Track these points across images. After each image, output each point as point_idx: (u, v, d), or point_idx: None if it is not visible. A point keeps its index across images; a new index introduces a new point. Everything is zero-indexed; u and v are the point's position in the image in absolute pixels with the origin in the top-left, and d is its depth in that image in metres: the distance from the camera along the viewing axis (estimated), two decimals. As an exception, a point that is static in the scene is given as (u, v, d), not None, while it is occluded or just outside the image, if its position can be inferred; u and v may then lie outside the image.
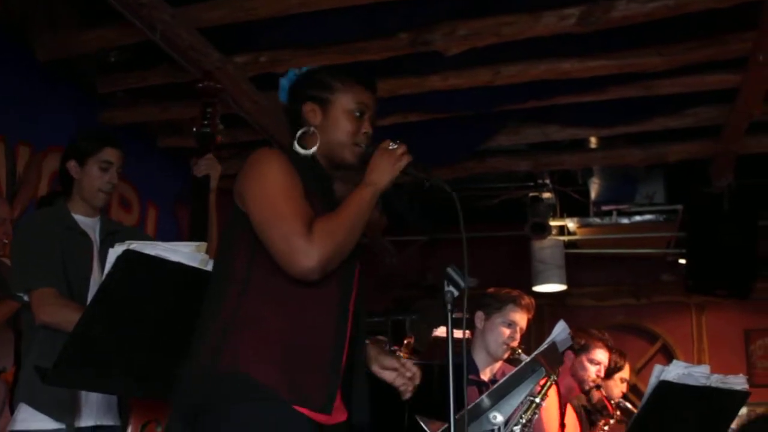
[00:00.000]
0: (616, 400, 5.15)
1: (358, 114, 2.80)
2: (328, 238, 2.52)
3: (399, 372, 2.93)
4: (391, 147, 2.72)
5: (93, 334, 2.96)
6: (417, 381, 2.94)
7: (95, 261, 3.69)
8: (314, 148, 2.77)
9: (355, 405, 2.71)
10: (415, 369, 2.96)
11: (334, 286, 2.64)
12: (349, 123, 2.79)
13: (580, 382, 5.14)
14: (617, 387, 5.48)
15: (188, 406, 2.54)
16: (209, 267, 3.00)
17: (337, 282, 2.64)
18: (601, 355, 5.17)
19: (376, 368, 2.94)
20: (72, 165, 3.76)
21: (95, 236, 3.76)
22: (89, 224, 3.78)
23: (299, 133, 2.79)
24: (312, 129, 2.78)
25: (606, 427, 4.98)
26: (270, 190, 2.59)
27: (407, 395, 2.95)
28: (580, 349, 5.14)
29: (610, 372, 5.33)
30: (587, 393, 5.22)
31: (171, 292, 3.03)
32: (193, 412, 2.53)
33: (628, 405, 5.06)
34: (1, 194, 5.45)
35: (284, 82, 2.92)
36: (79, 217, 3.76)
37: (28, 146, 5.71)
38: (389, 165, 2.69)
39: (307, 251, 2.49)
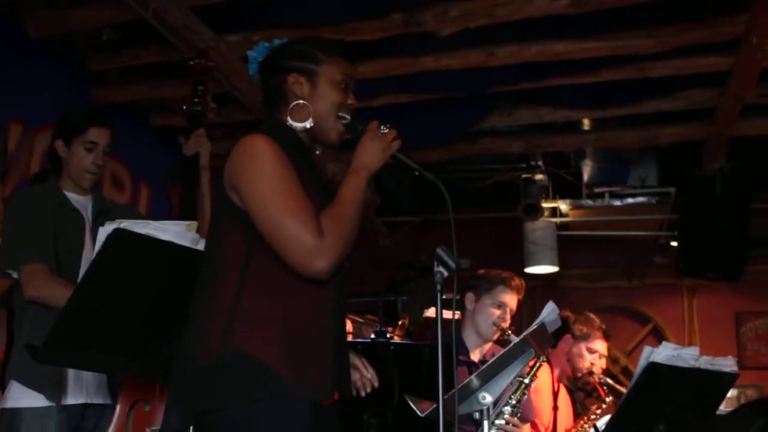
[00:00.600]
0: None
1: (343, 86, 2.77)
2: (338, 236, 2.50)
3: (360, 372, 2.99)
4: (381, 131, 2.69)
5: (83, 312, 2.95)
6: (375, 384, 3.00)
7: (87, 238, 3.68)
8: (309, 122, 2.73)
9: (342, 382, 2.69)
10: (373, 372, 3.02)
11: None
12: (336, 94, 2.75)
13: (575, 368, 5.16)
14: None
15: (194, 408, 2.49)
16: (200, 246, 2.99)
17: None
18: (600, 345, 5.20)
19: None
20: (59, 144, 3.75)
21: (87, 214, 3.76)
22: (81, 202, 3.77)
23: (292, 105, 2.74)
24: (301, 102, 2.73)
25: (599, 411, 5.00)
26: (271, 188, 2.52)
27: (362, 393, 2.99)
28: (581, 336, 5.17)
29: None
30: (577, 379, 5.25)
31: (161, 271, 3.02)
32: (199, 412, 2.49)
33: (609, 380, 5.09)
34: (-8, 172, 5.45)
35: (254, 55, 2.88)
36: (70, 195, 3.75)
37: (20, 124, 5.69)
38: (379, 149, 2.67)
39: (320, 253, 2.46)
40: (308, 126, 2.73)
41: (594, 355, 5.15)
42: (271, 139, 2.61)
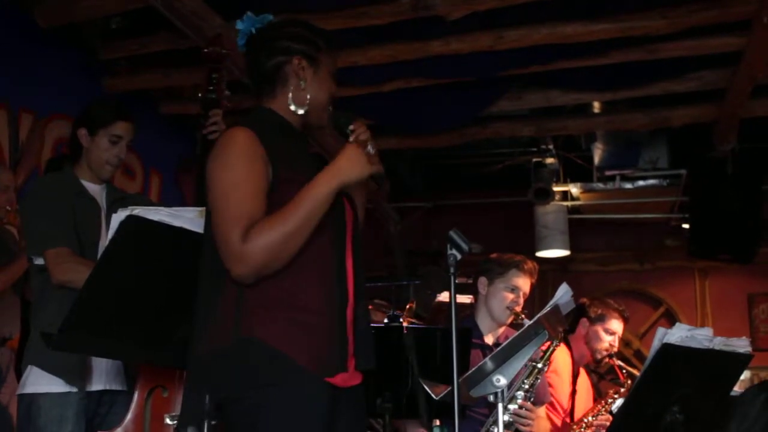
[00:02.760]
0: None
1: (333, 73, 2.81)
2: (264, 243, 2.46)
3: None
4: (369, 150, 2.66)
5: (97, 299, 2.96)
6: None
7: (103, 226, 3.69)
8: (305, 107, 2.74)
9: (360, 354, 2.69)
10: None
11: (327, 247, 2.62)
12: (332, 84, 2.79)
13: (594, 350, 5.15)
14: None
15: (212, 394, 2.50)
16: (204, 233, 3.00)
17: (330, 243, 2.63)
18: (617, 325, 5.17)
19: None
20: (83, 133, 3.75)
21: (102, 202, 3.77)
22: (96, 191, 3.78)
23: (293, 88, 2.74)
24: (302, 83, 2.74)
25: (616, 395, 4.99)
26: (221, 182, 2.55)
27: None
28: (597, 318, 5.15)
29: None
30: (599, 362, 5.24)
31: (174, 257, 3.03)
32: (221, 400, 2.50)
33: (620, 363, 5.08)
34: (4, 162, 5.46)
35: (243, 27, 2.85)
36: (86, 183, 3.76)
37: (30, 113, 5.71)
38: (360, 164, 2.63)
39: (241, 257, 2.46)
40: (302, 112, 2.75)
41: (612, 336, 5.13)
42: (251, 131, 2.61)
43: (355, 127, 2.70)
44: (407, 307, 5.33)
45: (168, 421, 3.36)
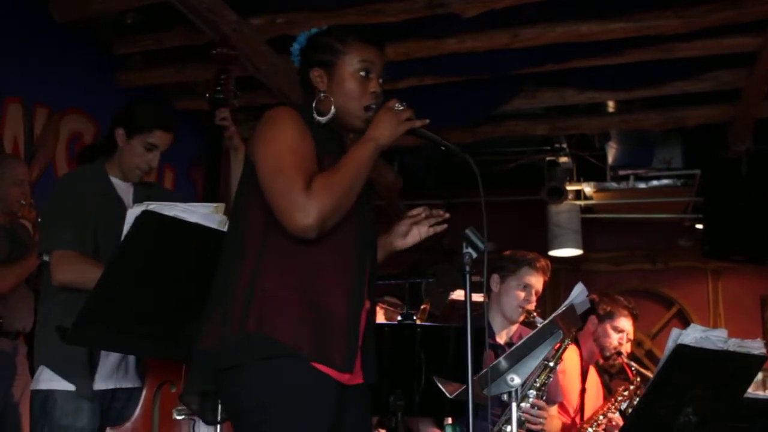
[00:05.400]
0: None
1: (363, 74, 2.77)
2: (327, 194, 2.52)
3: (418, 223, 3.02)
4: (396, 107, 2.71)
5: (112, 294, 2.97)
6: (436, 210, 3.04)
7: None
8: (331, 114, 2.76)
9: (365, 367, 2.73)
10: (421, 208, 3.04)
11: (351, 246, 2.65)
12: (354, 85, 2.77)
13: (602, 348, 5.13)
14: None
15: (212, 371, 2.55)
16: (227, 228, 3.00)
17: (354, 244, 2.66)
18: (626, 323, 5.15)
19: (400, 242, 3.02)
20: (120, 133, 3.71)
21: (129, 201, 3.74)
22: (124, 188, 3.75)
23: (315, 101, 2.78)
24: (323, 94, 2.77)
25: (626, 393, 4.98)
26: (276, 146, 2.60)
27: (443, 226, 3.04)
28: (605, 315, 5.13)
29: None
30: (608, 359, 5.22)
31: (189, 253, 3.04)
32: (216, 375, 2.54)
33: (634, 365, 5.07)
34: (18, 156, 5.47)
35: (296, 47, 2.90)
36: (115, 180, 3.73)
37: (45, 108, 5.72)
38: (391, 124, 2.68)
39: (305, 207, 2.49)
40: (325, 120, 2.76)
41: (620, 334, 5.11)
42: (296, 112, 2.70)
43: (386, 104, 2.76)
44: (422, 307, 5.33)
45: (176, 416, 3.37)
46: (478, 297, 3.20)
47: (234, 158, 3.81)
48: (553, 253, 8.54)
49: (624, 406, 4.95)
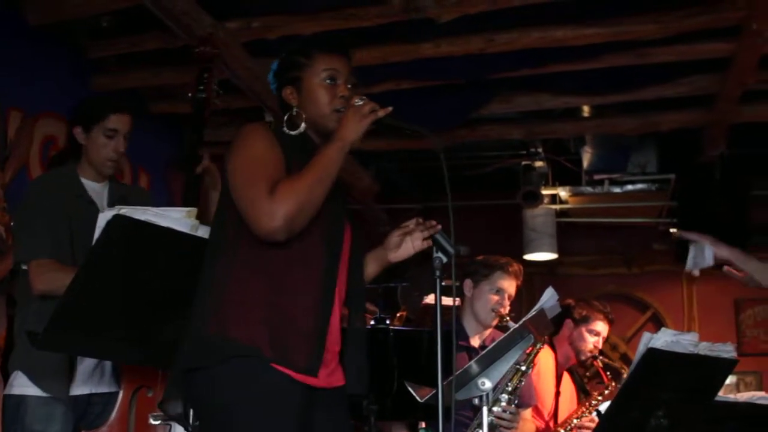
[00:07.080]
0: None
1: (329, 81, 2.84)
2: (291, 196, 2.58)
3: (410, 233, 3.09)
4: (357, 103, 2.75)
5: (83, 299, 2.96)
6: (428, 221, 3.06)
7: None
8: (302, 126, 2.83)
9: (350, 375, 2.79)
10: (415, 220, 3.12)
11: (319, 251, 2.70)
12: (322, 94, 2.84)
13: (578, 352, 5.16)
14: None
15: (181, 371, 2.62)
16: (200, 232, 3.00)
17: (323, 248, 2.71)
18: (601, 326, 5.19)
19: (392, 255, 3.09)
20: (78, 131, 3.71)
21: (103, 203, 3.72)
22: (97, 190, 3.74)
23: (286, 117, 2.85)
24: (295, 110, 2.84)
25: (600, 397, 5.00)
26: (244, 158, 2.69)
27: (435, 235, 3.02)
28: (581, 319, 5.16)
29: None
30: (583, 363, 5.24)
31: (161, 257, 3.04)
32: (185, 376, 2.61)
33: (607, 360, 5.10)
34: (-8, 160, 5.43)
35: (270, 75, 2.98)
36: (87, 182, 3.71)
37: (19, 111, 5.68)
38: (355, 120, 2.73)
39: (270, 212, 2.56)
40: (295, 133, 2.83)
41: (596, 337, 5.15)
42: (265, 127, 2.80)
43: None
44: (398, 314, 5.33)
45: (152, 421, 3.36)
46: (449, 301, 3.21)
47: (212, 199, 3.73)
48: (529, 257, 8.55)
49: (601, 408, 4.98)
